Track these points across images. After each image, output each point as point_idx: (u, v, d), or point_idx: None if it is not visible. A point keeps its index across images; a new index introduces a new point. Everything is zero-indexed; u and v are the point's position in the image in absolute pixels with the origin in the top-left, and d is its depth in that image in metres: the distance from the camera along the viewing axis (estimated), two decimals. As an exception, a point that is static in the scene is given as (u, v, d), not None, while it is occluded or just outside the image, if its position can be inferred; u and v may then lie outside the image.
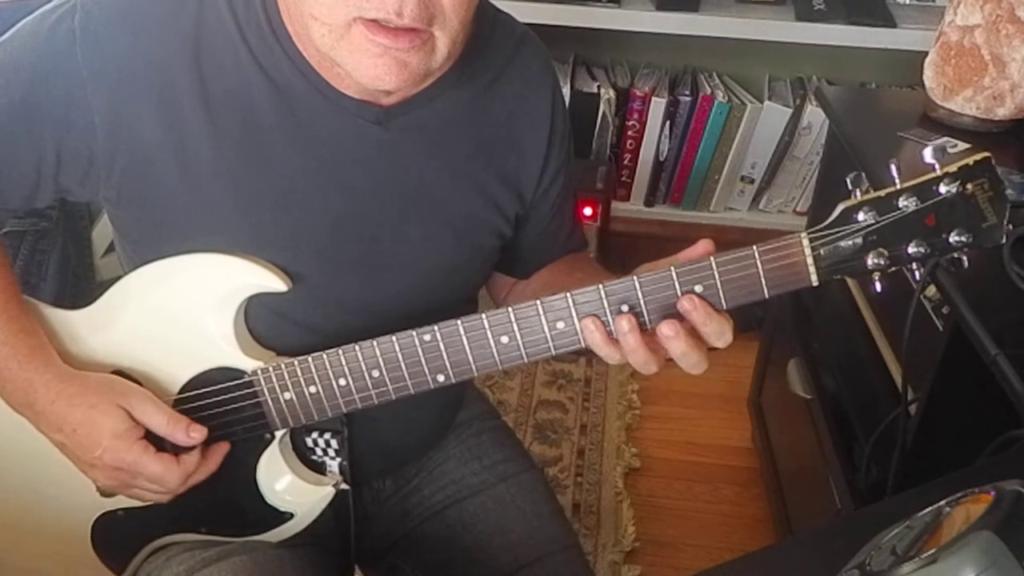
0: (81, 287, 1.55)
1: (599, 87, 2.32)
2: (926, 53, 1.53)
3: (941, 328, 1.16)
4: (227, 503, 0.93)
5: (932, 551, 0.60)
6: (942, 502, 0.67)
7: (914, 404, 1.24)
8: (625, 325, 0.76)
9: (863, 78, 2.38)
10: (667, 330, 0.75)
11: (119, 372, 0.90)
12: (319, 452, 0.95)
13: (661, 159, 2.40)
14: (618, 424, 2.14)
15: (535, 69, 0.95)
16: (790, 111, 2.27)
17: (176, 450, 0.88)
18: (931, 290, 1.18)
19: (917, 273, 0.76)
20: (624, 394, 2.22)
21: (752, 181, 2.42)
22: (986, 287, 1.08)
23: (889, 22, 2.13)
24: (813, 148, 2.32)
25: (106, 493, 0.93)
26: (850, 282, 1.58)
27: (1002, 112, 1.45)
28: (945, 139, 1.43)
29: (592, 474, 2.01)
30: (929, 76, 1.51)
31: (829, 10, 2.16)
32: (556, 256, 1.05)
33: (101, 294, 0.90)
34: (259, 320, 0.89)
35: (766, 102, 2.28)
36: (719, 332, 0.77)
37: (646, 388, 2.23)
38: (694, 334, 0.77)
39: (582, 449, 2.07)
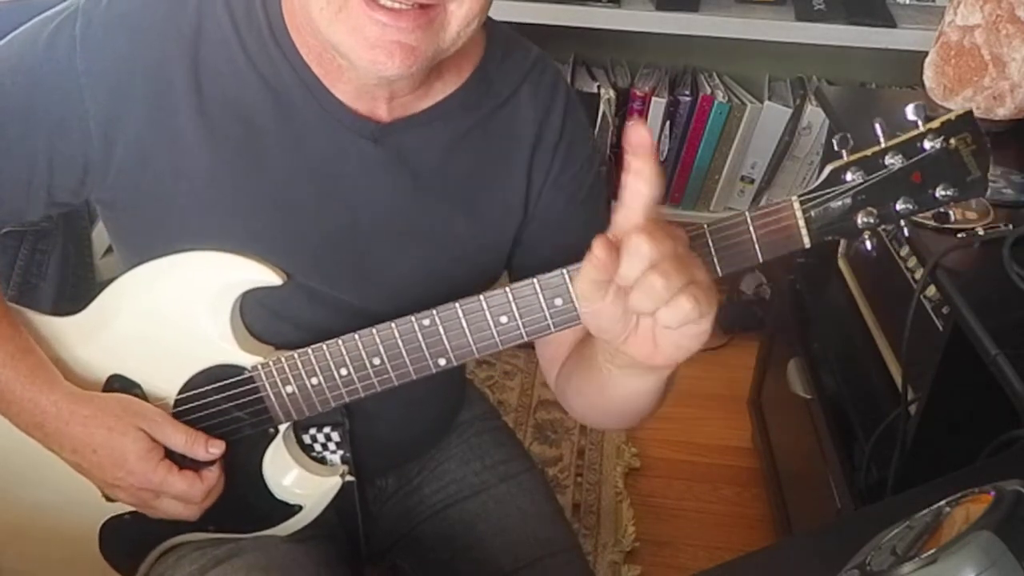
0: (81, 287, 1.55)
1: (599, 87, 2.31)
2: (926, 53, 1.53)
3: (941, 328, 1.16)
4: (235, 500, 0.93)
5: (932, 551, 0.60)
6: (942, 502, 0.67)
7: (914, 404, 1.24)
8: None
9: (863, 78, 2.38)
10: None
11: (117, 376, 0.90)
12: (318, 447, 0.95)
13: (661, 159, 2.39)
14: (618, 424, 2.14)
15: (543, 98, 0.92)
16: (790, 111, 2.27)
17: (192, 465, 0.88)
18: (931, 290, 1.18)
19: (906, 230, 0.76)
20: (624, 394, 2.22)
21: (752, 181, 2.42)
22: (986, 287, 1.08)
23: (889, 22, 2.13)
24: (813, 148, 2.31)
25: (112, 497, 0.93)
26: (850, 281, 1.58)
27: (1002, 112, 1.45)
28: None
29: (592, 474, 2.01)
30: (929, 76, 1.51)
31: (829, 10, 2.16)
32: None
33: (94, 298, 0.90)
34: (255, 318, 0.89)
35: (766, 102, 2.28)
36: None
37: (646, 388, 2.22)
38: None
39: (582, 449, 2.07)
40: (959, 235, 1.14)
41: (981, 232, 1.15)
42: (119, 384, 0.90)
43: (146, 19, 0.81)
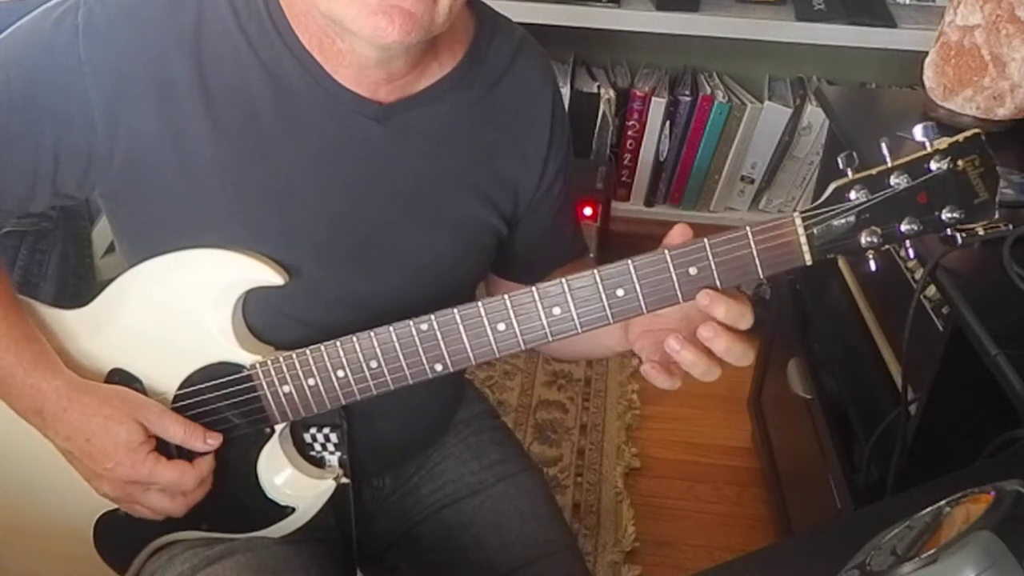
0: (81, 287, 1.55)
1: (599, 87, 2.32)
2: (926, 53, 1.53)
3: (941, 328, 1.16)
4: (229, 499, 0.93)
5: (932, 551, 0.59)
6: (942, 502, 0.67)
7: (914, 404, 1.24)
8: (675, 344, 0.77)
9: (863, 78, 2.38)
10: (675, 344, 0.77)
11: (118, 370, 0.90)
12: (318, 447, 0.95)
13: (661, 159, 2.40)
14: (618, 424, 2.14)
15: (535, 73, 0.95)
16: (790, 111, 2.27)
17: (184, 456, 0.89)
18: (931, 290, 1.18)
19: (911, 251, 0.76)
20: (624, 394, 2.22)
21: (752, 181, 2.42)
22: (986, 287, 1.08)
23: (889, 22, 2.13)
24: (813, 148, 2.32)
25: (97, 490, 0.93)
26: (850, 281, 1.58)
27: (1002, 112, 1.45)
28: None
29: (592, 474, 2.01)
30: (929, 76, 1.51)
31: (829, 10, 2.16)
32: (562, 259, 1.05)
33: (99, 293, 0.90)
34: (256, 315, 0.89)
35: (766, 102, 2.28)
36: (742, 354, 0.77)
37: (646, 388, 2.23)
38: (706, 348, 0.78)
39: (582, 449, 2.07)
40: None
41: (981, 232, 1.14)
42: (119, 378, 0.90)
43: (148, 9, 0.82)
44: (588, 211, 2.28)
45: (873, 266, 0.75)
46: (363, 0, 0.74)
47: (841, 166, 0.73)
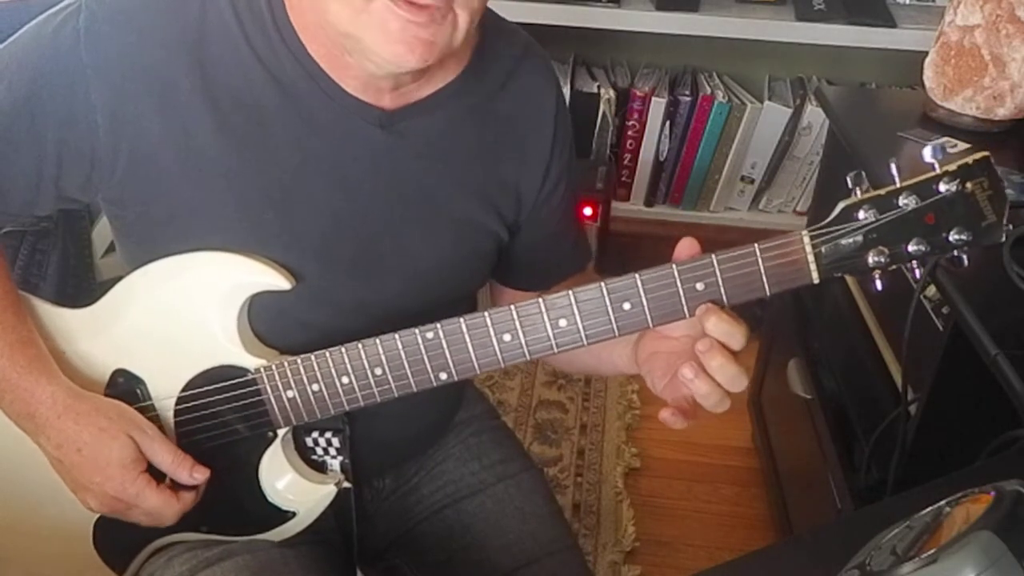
0: (81, 287, 1.55)
1: (599, 87, 2.32)
2: (926, 53, 1.53)
3: (941, 328, 1.16)
4: (229, 502, 0.93)
5: (932, 551, 0.60)
6: (942, 502, 0.67)
7: (914, 404, 1.24)
8: (689, 373, 0.79)
9: (863, 78, 2.38)
10: (688, 373, 0.78)
11: (122, 371, 0.90)
12: (320, 452, 0.95)
13: (661, 159, 2.40)
14: (618, 424, 2.14)
15: (539, 79, 0.95)
16: (790, 111, 2.27)
17: (174, 484, 0.89)
18: (931, 290, 1.18)
19: (917, 271, 0.76)
20: (624, 394, 2.22)
21: (752, 181, 2.42)
22: (986, 287, 1.08)
23: (889, 22, 2.13)
24: (813, 148, 2.32)
25: (82, 501, 0.92)
26: (850, 282, 1.58)
27: (1002, 112, 1.45)
28: (945, 139, 1.44)
29: (592, 474, 2.01)
30: (929, 76, 1.51)
31: (829, 10, 2.16)
32: (566, 266, 1.05)
33: (103, 293, 0.90)
34: (261, 319, 0.89)
35: (766, 102, 2.28)
36: (734, 376, 0.78)
37: (646, 388, 2.21)
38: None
39: (582, 449, 2.07)
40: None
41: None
42: (123, 379, 0.90)
43: (150, 14, 0.82)
44: (588, 211, 2.29)
45: (879, 285, 0.75)
46: (385, 29, 0.75)
47: (850, 185, 0.73)
